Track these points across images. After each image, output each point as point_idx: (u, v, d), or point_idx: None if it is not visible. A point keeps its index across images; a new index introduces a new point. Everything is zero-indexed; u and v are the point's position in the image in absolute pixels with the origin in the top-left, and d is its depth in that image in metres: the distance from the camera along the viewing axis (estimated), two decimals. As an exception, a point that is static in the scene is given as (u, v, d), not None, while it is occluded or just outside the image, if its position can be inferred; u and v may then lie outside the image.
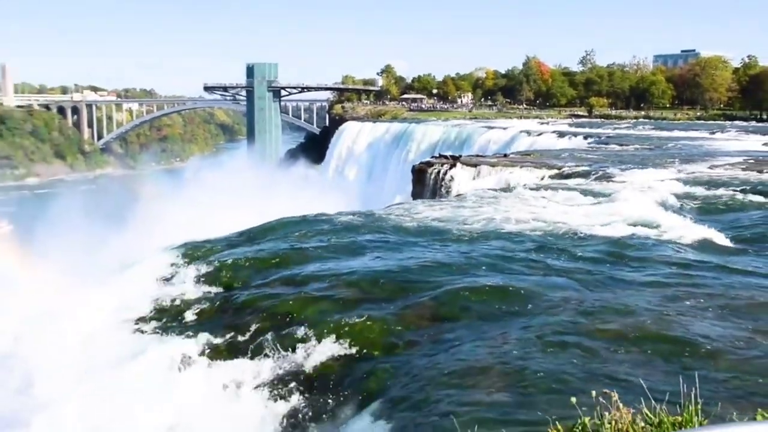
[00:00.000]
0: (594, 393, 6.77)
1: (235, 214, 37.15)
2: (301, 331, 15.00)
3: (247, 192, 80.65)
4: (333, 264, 19.15)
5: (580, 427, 6.66)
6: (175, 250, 20.52)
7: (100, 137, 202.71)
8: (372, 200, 64.10)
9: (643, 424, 6.50)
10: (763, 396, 10.02)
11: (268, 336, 15.39)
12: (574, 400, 6.92)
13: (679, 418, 6.63)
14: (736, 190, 31.11)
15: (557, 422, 6.97)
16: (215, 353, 15.28)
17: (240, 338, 15.72)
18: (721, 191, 31.21)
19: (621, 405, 6.52)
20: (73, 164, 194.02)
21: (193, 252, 20.48)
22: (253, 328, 15.92)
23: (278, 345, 14.92)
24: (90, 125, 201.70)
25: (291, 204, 38.50)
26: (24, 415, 15.66)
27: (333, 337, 14.54)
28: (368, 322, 14.89)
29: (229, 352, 15.29)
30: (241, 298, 17.54)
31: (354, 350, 14.12)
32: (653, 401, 6.69)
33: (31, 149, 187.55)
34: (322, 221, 24.24)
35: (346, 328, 14.72)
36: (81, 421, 14.38)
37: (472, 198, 30.43)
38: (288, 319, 15.75)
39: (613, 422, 6.47)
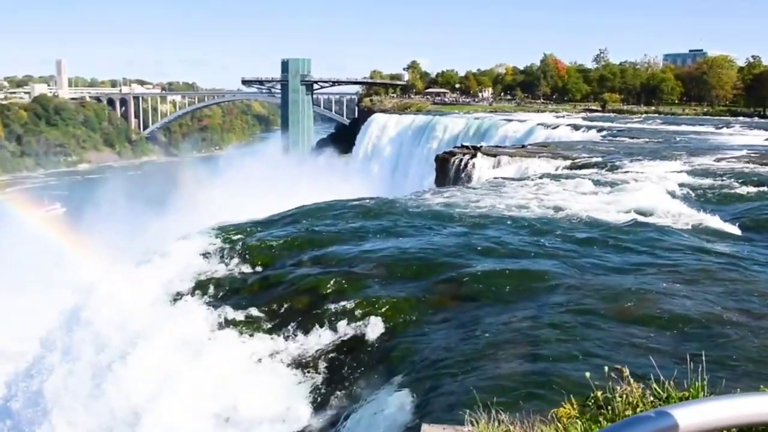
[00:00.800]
0: (606, 368, 6.68)
1: (267, 199, 37.19)
2: (326, 308, 14.98)
3: (279, 179, 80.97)
4: (355, 246, 19.12)
5: (592, 401, 6.56)
6: (209, 232, 20.51)
7: (145, 127, 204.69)
8: (398, 187, 63.86)
9: (652, 399, 6.39)
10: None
11: (295, 312, 15.41)
12: (588, 375, 6.83)
13: (686, 393, 6.52)
14: (739, 181, 30.71)
15: (571, 396, 6.87)
16: (244, 327, 15.29)
17: (268, 313, 15.73)
18: (725, 182, 30.84)
19: (631, 380, 6.42)
20: (120, 152, 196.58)
21: (226, 234, 20.45)
22: (280, 304, 15.94)
23: (304, 320, 14.91)
24: (137, 116, 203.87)
25: (319, 191, 38.48)
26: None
27: (357, 313, 14.50)
28: (389, 300, 14.85)
29: (257, 326, 15.31)
30: (270, 277, 17.62)
31: (378, 326, 14.06)
32: (662, 377, 6.58)
33: (83, 138, 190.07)
34: (348, 207, 24.12)
35: (370, 306, 14.68)
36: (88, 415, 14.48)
37: (495, 185, 30.29)
38: (313, 297, 15.74)
39: (624, 396, 6.37)
